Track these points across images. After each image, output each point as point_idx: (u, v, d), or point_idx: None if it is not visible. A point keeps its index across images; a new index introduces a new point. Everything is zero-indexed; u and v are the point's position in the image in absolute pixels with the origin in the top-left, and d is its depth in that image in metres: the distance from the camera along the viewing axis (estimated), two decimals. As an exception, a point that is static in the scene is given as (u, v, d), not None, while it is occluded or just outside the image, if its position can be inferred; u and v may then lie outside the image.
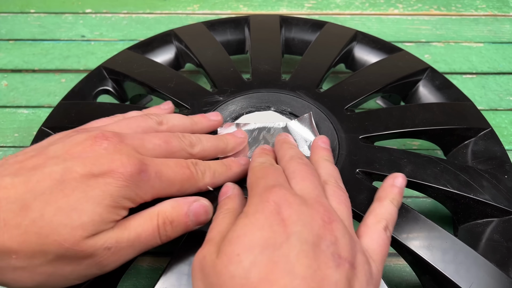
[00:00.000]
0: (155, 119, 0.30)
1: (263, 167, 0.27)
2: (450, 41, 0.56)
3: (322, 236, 0.21)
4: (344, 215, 0.25)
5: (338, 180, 0.28)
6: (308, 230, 0.21)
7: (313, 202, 0.23)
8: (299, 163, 0.27)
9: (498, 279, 0.28)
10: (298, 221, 0.21)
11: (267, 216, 0.22)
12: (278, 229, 0.21)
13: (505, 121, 0.47)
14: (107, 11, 0.60)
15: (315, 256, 0.20)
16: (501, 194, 0.33)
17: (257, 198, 0.23)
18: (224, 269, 0.20)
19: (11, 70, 0.52)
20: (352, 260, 0.21)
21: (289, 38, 0.48)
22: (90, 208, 0.23)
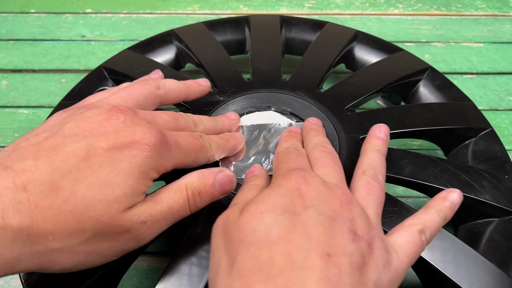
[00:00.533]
0: (153, 84, 0.30)
1: (287, 152, 0.28)
2: (450, 41, 0.57)
3: (339, 212, 0.22)
4: (371, 204, 0.25)
5: (378, 171, 0.28)
6: (325, 205, 0.22)
7: (332, 185, 0.24)
8: (321, 151, 0.28)
9: (499, 279, 0.28)
10: (316, 197, 0.23)
11: (289, 190, 0.23)
12: (298, 201, 0.22)
13: (505, 121, 0.47)
14: (107, 11, 0.60)
15: (331, 227, 0.21)
16: (501, 194, 0.33)
17: (280, 178, 0.25)
18: (246, 225, 0.21)
19: (11, 70, 0.53)
20: (368, 240, 0.22)
21: (290, 38, 0.48)
22: (121, 181, 0.23)
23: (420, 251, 0.25)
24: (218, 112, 0.37)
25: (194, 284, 0.27)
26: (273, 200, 0.22)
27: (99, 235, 0.23)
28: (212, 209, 0.31)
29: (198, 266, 0.28)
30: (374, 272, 0.21)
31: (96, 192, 0.22)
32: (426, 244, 0.25)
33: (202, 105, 0.38)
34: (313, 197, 0.23)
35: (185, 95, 0.33)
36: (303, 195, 0.23)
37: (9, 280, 0.35)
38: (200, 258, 0.28)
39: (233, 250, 0.21)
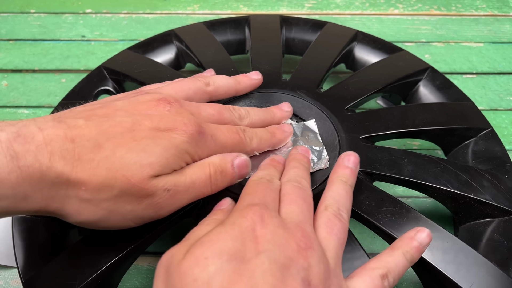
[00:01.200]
0: (203, 81, 0.33)
1: (257, 183, 0.27)
2: (450, 41, 0.57)
3: (294, 259, 0.21)
4: (331, 246, 0.24)
5: (342, 207, 0.26)
6: (279, 251, 0.21)
7: (292, 226, 0.23)
8: (293, 186, 0.27)
9: (499, 279, 0.28)
10: (271, 240, 0.21)
11: (242, 230, 0.22)
12: (250, 245, 0.21)
13: (505, 121, 0.47)
14: (107, 11, 0.60)
15: (282, 277, 0.20)
16: (501, 194, 0.33)
17: (237, 213, 0.23)
18: (188, 271, 0.20)
19: (11, 70, 0.52)
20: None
21: (290, 38, 0.48)
22: (158, 151, 0.25)
23: None
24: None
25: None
26: (222, 244, 0.21)
27: (125, 195, 0.24)
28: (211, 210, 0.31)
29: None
30: None
31: (133, 155, 0.24)
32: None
33: (202, 105, 0.38)
34: (267, 241, 0.21)
35: (234, 91, 0.35)
36: (257, 237, 0.21)
37: (9, 280, 0.35)
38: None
39: None
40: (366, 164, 0.33)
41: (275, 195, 0.26)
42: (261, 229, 0.22)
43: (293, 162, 0.30)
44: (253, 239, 0.21)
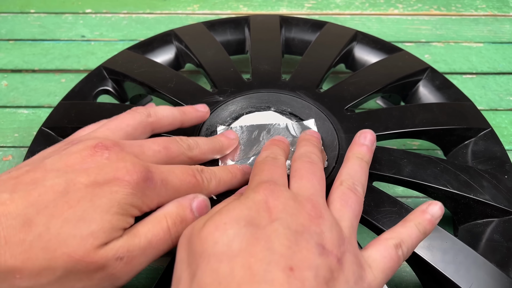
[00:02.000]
0: (143, 113, 0.30)
1: (263, 162, 0.27)
2: (450, 41, 0.56)
3: (307, 226, 0.22)
4: (345, 217, 0.24)
5: (357, 181, 0.27)
6: (292, 219, 0.22)
7: (303, 199, 0.24)
8: (303, 161, 0.27)
9: (498, 279, 0.28)
10: (283, 210, 0.22)
11: (256, 202, 0.22)
12: (264, 214, 0.22)
13: (505, 121, 0.47)
14: (107, 11, 0.60)
15: (297, 240, 0.21)
16: (501, 194, 0.33)
17: (249, 191, 0.24)
18: (209, 236, 0.21)
19: (11, 70, 0.52)
20: (338, 255, 0.21)
21: (289, 38, 0.48)
22: (98, 216, 0.22)
23: (397, 266, 0.24)
24: (217, 112, 0.37)
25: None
26: (238, 212, 0.22)
27: (72, 273, 0.21)
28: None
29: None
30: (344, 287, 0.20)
31: (71, 227, 0.21)
32: (403, 259, 0.25)
33: (201, 105, 0.38)
34: (280, 211, 0.22)
35: (180, 122, 0.32)
36: (270, 208, 0.22)
37: (9, 280, 0.35)
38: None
39: (194, 263, 0.20)
40: (365, 164, 0.33)
41: (281, 171, 0.26)
42: (273, 201, 0.22)
43: (303, 142, 0.31)
44: (267, 210, 0.22)
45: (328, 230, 0.22)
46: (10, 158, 0.44)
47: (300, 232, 0.21)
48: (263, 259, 0.19)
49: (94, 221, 0.22)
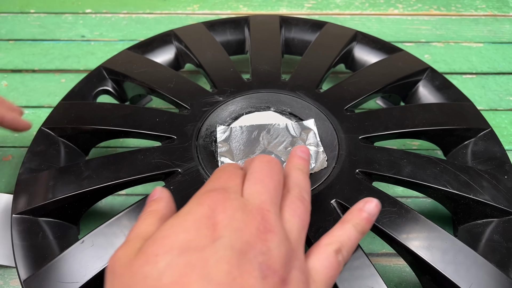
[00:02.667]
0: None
1: (221, 169, 0.25)
2: (450, 41, 0.56)
3: (253, 244, 0.20)
4: (294, 228, 0.23)
5: (303, 191, 0.25)
6: (237, 237, 0.20)
7: (254, 208, 0.22)
8: (261, 162, 0.25)
9: (498, 279, 0.28)
10: (228, 226, 0.20)
11: (197, 219, 0.20)
12: (206, 233, 0.20)
13: (505, 121, 0.47)
14: (107, 11, 0.60)
15: (239, 263, 0.19)
16: (501, 194, 0.33)
17: (194, 200, 0.22)
18: (139, 269, 0.19)
19: (11, 70, 0.52)
20: (284, 275, 0.20)
21: (289, 38, 0.48)
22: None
23: (337, 273, 0.24)
24: (217, 112, 0.37)
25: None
26: (172, 239, 0.20)
27: None
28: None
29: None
30: None
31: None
32: (343, 264, 0.24)
33: (201, 105, 0.38)
34: (224, 226, 0.20)
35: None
36: (213, 224, 0.20)
37: (9, 281, 0.35)
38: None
39: None
40: (365, 165, 0.33)
41: (239, 181, 0.24)
42: (219, 214, 0.21)
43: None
44: (210, 226, 0.20)
45: (275, 247, 0.20)
46: (10, 158, 0.44)
47: (244, 252, 0.19)
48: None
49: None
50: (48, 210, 0.33)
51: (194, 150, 0.35)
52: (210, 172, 0.34)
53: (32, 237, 0.31)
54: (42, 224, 0.32)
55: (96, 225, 0.30)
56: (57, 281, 0.28)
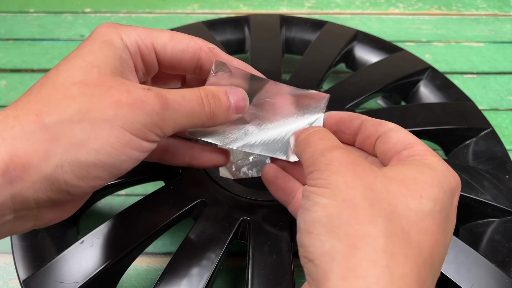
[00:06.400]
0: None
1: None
2: (451, 41, 0.56)
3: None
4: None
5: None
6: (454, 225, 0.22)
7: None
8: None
9: (499, 279, 0.28)
10: (455, 212, 0.22)
11: (451, 189, 0.21)
12: (450, 205, 0.21)
13: (506, 121, 0.47)
14: (106, 11, 0.60)
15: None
16: (502, 194, 0.33)
17: (446, 165, 0.22)
18: (400, 196, 0.20)
19: (10, 70, 0.52)
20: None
21: (289, 37, 0.48)
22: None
23: None
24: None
25: (193, 284, 0.27)
26: (436, 192, 0.20)
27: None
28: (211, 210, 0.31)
29: (197, 267, 0.28)
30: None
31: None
32: None
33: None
34: (454, 212, 0.22)
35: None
36: (453, 203, 0.21)
37: (8, 281, 0.35)
38: (200, 258, 0.28)
39: (378, 202, 0.19)
40: (366, 164, 0.33)
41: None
42: (457, 197, 0.22)
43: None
44: (452, 203, 0.21)
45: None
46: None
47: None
48: (441, 254, 0.20)
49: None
50: (47, 210, 0.32)
51: (194, 150, 0.34)
52: (210, 172, 0.33)
53: (32, 237, 0.31)
54: (41, 224, 0.32)
55: (96, 225, 0.30)
56: (56, 281, 0.28)
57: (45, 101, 0.20)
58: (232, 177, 0.34)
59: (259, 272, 0.28)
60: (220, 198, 0.31)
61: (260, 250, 0.29)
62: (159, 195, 0.32)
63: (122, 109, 0.21)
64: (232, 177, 0.34)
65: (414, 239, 0.19)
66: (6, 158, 0.19)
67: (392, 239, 0.18)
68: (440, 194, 0.20)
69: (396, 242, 0.18)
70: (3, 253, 0.37)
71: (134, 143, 0.21)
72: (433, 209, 0.19)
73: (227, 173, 0.34)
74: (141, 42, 0.25)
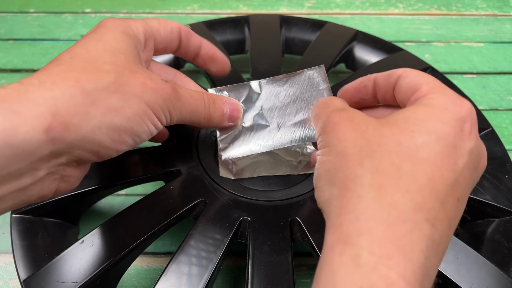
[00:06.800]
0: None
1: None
2: (451, 41, 0.56)
3: (482, 166, 0.23)
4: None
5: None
6: (477, 153, 0.22)
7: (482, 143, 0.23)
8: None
9: (499, 279, 0.28)
10: (475, 139, 0.22)
11: (455, 118, 0.21)
12: (459, 133, 0.21)
13: (505, 121, 0.47)
14: (106, 11, 0.60)
15: (472, 176, 0.21)
16: (502, 194, 0.33)
17: (447, 99, 0.22)
18: (391, 135, 0.21)
19: (10, 70, 0.52)
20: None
21: (289, 37, 0.48)
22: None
23: None
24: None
25: (193, 284, 0.27)
26: (431, 125, 0.21)
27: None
28: (211, 210, 0.31)
29: (197, 266, 0.28)
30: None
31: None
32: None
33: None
34: (473, 138, 0.21)
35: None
36: (465, 130, 0.21)
37: (8, 281, 0.35)
38: (200, 258, 0.28)
39: (367, 146, 0.20)
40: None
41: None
42: (470, 125, 0.22)
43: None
44: (462, 130, 0.21)
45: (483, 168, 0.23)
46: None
47: (476, 169, 0.22)
48: (447, 179, 0.20)
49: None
50: (47, 210, 0.32)
51: (194, 150, 0.35)
52: (210, 172, 0.34)
53: (32, 236, 0.31)
54: (42, 224, 0.32)
55: (96, 225, 0.30)
56: (57, 281, 0.28)
57: (81, 71, 0.23)
58: (232, 177, 0.34)
59: (259, 272, 0.28)
60: (220, 198, 0.32)
61: (260, 250, 0.29)
62: (159, 195, 0.32)
63: (147, 90, 0.24)
64: (232, 177, 0.34)
65: (406, 170, 0.20)
66: (49, 117, 0.21)
67: (380, 174, 0.19)
68: (437, 125, 0.21)
69: (385, 176, 0.19)
70: (4, 252, 0.37)
71: (153, 119, 0.25)
72: (427, 140, 0.20)
73: (227, 173, 0.34)
74: (145, 32, 0.29)
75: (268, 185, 0.33)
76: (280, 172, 0.35)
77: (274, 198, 0.32)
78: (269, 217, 0.31)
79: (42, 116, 0.20)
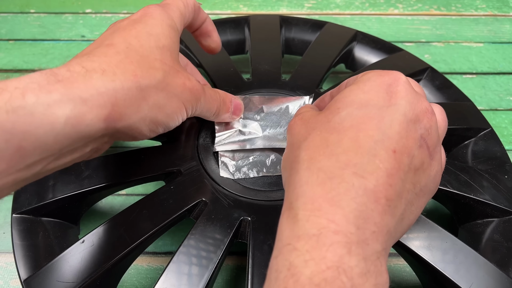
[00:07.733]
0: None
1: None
2: (450, 41, 0.56)
3: (420, 119, 0.23)
4: (441, 127, 0.26)
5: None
6: (410, 108, 0.23)
7: (420, 96, 0.24)
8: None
9: (498, 279, 0.28)
10: (404, 97, 0.23)
11: (377, 84, 0.24)
12: (384, 96, 0.23)
13: (505, 121, 0.47)
14: (107, 11, 0.60)
15: (407, 129, 0.22)
16: (501, 194, 0.33)
17: (373, 73, 0.25)
18: (323, 118, 0.23)
19: (11, 70, 0.52)
20: (432, 153, 0.23)
21: (289, 38, 0.48)
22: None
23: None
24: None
25: (193, 284, 0.27)
26: (352, 97, 0.23)
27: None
28: (211, 210, 0.31)
29: (197, 266, 0.28)
30: (425, 179, 0.23)
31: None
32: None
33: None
34: (401, 97, 0.23)
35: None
36: (391, 92, 0.23)
37: (9, 280, 0.35)
38: (200, 258, 0.28)
39: (306, 132, 0.24)
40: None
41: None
42: (396, 86, 0.23)
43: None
44: (388, 93, 0.23)
45: (433, 129, 0.24)
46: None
47: (413, 122, 0.22)
48: (371, 136, 0.21)
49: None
50: (48, 210, 0.33)
51: (194, 150, 0.35)
52: (211, 172, 0.34)
53: (32, 236, 0.31)
54: (42, 224, 0.32)
55: (96, 225, 0.30)
56: (57, 280, 0.28)
57: (137, 65, 0.26)
58: (232, 177, 0.34)
59: (259, 272, 0.28)
60: (220, 198, 0.32)
61: (260, 249, 0.29)
62: (159, 195, 0.32)
63: (185, 90, 0.28)
64: (232, 177, 0.34)
65: (332, 140, 0.22)
66: (109, 107, 0.24)
67: (310, 149, 0.22)
68: (359, 96, 0.23)
69: (314, 149, 0.22)
70: (4, 252, 0.37)
71: (183, 115, 0.29)
72: (350, 111, 0.23)
73: (227, 173, 0.34)
74: (181, 23, 0.31)
75: (268, 185, 0.33)
76: (280, 172, 0.35)
77: (274, 198, 0.32)
78: (269, 217, 0.31)
79: (104, 106, 0.23)
